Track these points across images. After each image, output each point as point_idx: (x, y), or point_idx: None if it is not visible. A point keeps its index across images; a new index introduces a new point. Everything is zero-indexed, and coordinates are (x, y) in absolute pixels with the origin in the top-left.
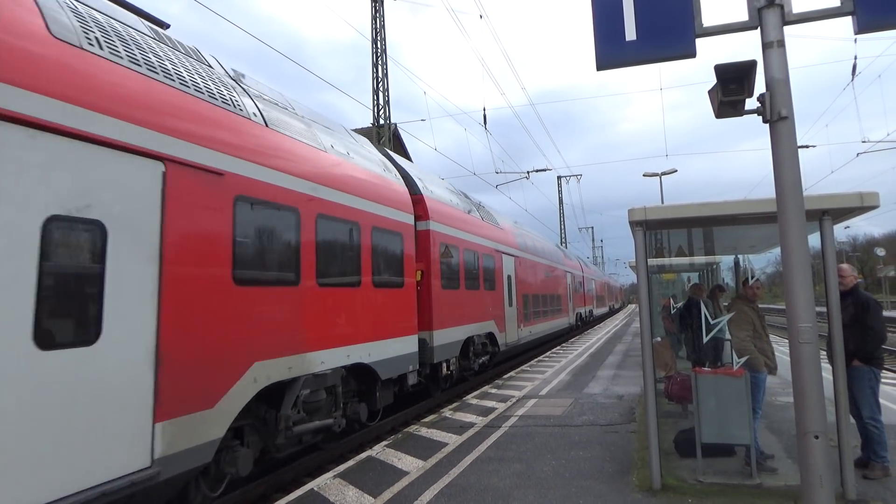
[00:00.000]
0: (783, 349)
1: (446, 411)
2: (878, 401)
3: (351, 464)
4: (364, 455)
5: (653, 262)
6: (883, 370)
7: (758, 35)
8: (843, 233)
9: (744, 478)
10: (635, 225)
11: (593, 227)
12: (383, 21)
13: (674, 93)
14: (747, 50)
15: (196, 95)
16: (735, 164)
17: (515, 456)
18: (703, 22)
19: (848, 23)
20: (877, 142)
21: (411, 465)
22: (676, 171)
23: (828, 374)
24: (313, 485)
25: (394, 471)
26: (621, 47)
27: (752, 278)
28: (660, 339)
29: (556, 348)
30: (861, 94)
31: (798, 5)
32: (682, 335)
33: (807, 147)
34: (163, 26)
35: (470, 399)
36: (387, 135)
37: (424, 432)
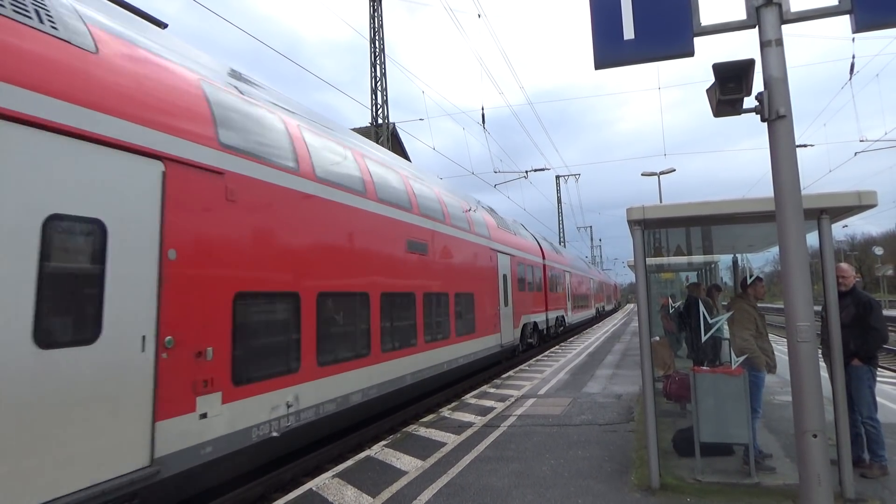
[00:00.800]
0: (781, 348)
1: (445, 411)
2: (876, 400)
3: (350, 463)
4: (363, 455)
5: (651, 261)
6: (877, 368)
7: (756, 34)
8: (841, 232)
9: (742, 477)
10: (634, 224)
11: (592, 227)
12: (381, 20)
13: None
14: (745, 49)
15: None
16: (733, 164)
17: (514, 455)
18: (701, 21)
19: (846, 21)
20: (874, 141)
21: (410, 464)
22: (675, 170)
23: (825, 373)
24: (312, 484)
25: (392, 470)
26: (620, 46)
27: (752, 277)
28: (658, 338)
29: (555, 347)
30: (859, 93)
31: (796, 4)
32: (681, 334)
33: (805, 146)
34: (161, 26)
35: (468, 398)
36: (385, 134)
37: (423, 432)
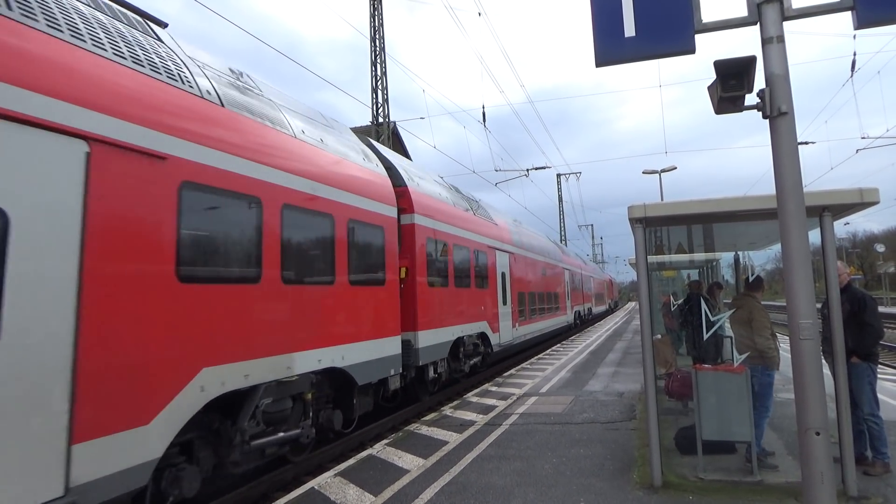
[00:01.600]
0: (783, 346)
1: (447, 409)
2: (877, 397)
3: (352, 462)
4: (364, 453)
5: (653, 259)
6: (877, 365)
7: (757, 31)
8: (842, 229)
9: (745, 475)
10: (635, 222)
11: (593, 225)
12: (382, 19)
13: (672, 90)
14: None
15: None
16: (734, 161)
17: (516, 454)
18: (702, 18)
19: (847, 18)
20: (876, 138)
21: (412, 463)
22: (676, 168)
23: (827, 371)
24: (314, 483)
25: (394, 469)
26: (621, 43)
27: (753, 275)
28: (660, 336)
29: (557, 346)
30: (860, 91)
31: (797, 0)
32: (683, 332)
33: (806, 143)
34: (161, 25)
35: (470, 397)
36: (386, 133)
37: (425, 430)
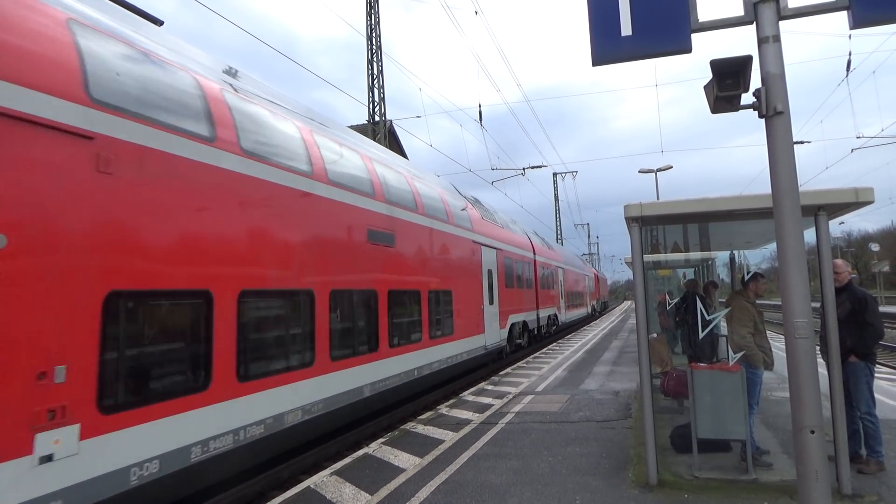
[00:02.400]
0: (778, 344)
1: (442, 408)
2: (874, 396)
3: (348, 461)
4: (361, 452)
5: (648, 258)
6: (876, 364)
7: (753, 30)
8: (837, 228)
9: (740, 473)
10: (631, 221)
11: (589, 224)
12: (378, 18)
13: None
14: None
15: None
16: (730, 160)
17: (512, 452)
18: (698, 17)
19: (843, 18)
20: (871, 137)
21: (408, 462)
22: (672, 167)
23: (823, 370)
24: (310, 482)
25: (390, 468)
26: (617, 42)
27: (748, 274)
28: (656, 335)
29: (553, 345)
30: (855, 90)
31: (794, 0)
32: (678, 331)
33: (802, 143)
34: (157, 23)
35: (466, 396)
36: (382, 131)
37: (421, 429)
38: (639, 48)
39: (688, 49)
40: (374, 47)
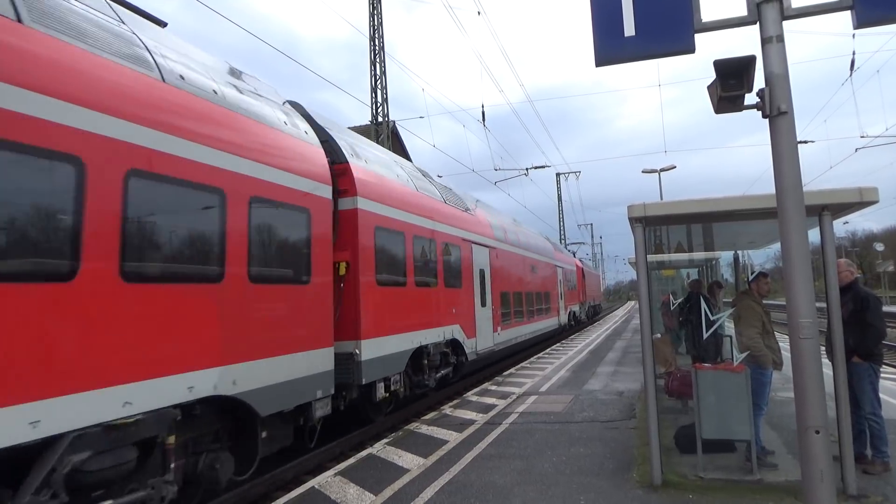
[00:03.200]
0: (783, 345)
1: (446, 408)
2: (879, 396)
3: (352, 461)
4: (364, 453)
5: (652, 258)
6: (882, 365)
7: (757, 30)
8: (841, 228)
9: (744, 473)
10: (635, 221)
11: (592, 224)
12: (381, 18)
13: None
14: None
15: None
16: (733, 160)
17: (516, 453)
18: (702, 17)
19: (846, 17)
20: (875, 137)
21: (412, 462)
22: (675, 167)
23: (828, 370)
24: (314, 483)
25: (394, 468)
26: (620, 43)
27: (753, 274)
28: (660, 335)
29: (556, 345)
30: (859, 90)
31: (797, 0)
32: (682, 331)
33: (805, 142)
34: (160, 24)
35: (470, 396)
36: (385, 132)
37: (425, 430)
38: (642, 49)
39: (691, 49)
40: (377, 48)
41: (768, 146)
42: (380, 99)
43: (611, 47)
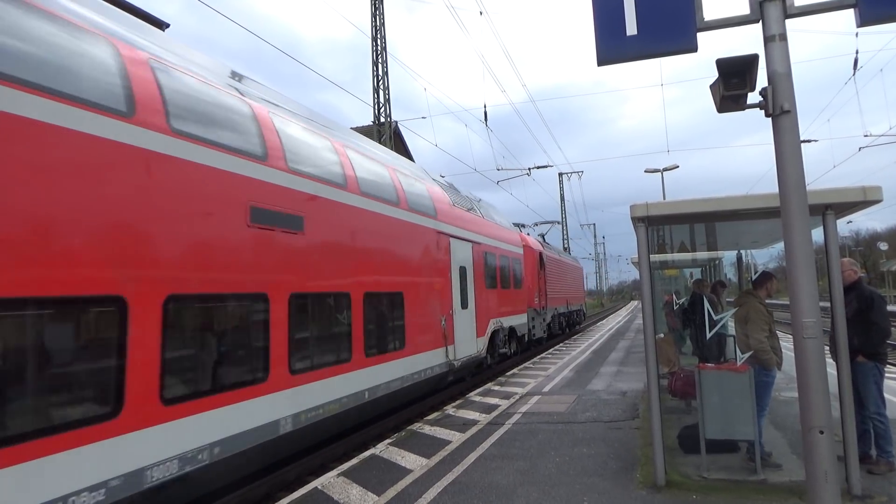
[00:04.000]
0: (786, 344)
1: (449, 409)
2: (883, 396)
3: (354, 462)
4: (367, 453)
5: (655, 257)
6: (887, 365)
7: (759, 29)
8: (845, 227)
9: (748, 473)
10: (637, 221)
11: (595, 224)
12: (383, 18)
13: (672, 89)
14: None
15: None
16: (736, 160)
17: (519, 453)
18: (704, 16)
19: (849, 16)
20: (879, 136)
21: (415, 462)
22: (678, 166)
23: (832, 370)
24: (317, 483)
25: (397, 469)
26: (622, 42)
27: (756, 273)
28: (663, 335)
29: (559, 345)
30: (863, 89)
31: None
32: (685, 331)
33: (809, 142)
34: (161, 27)
35: (473, 396)
36: (388, 132)
37: (427, 430)
38: (644, 48)
39: (693, 48)
40: (379, 48)
41: (771, 145)
42: (382, 99)
43: (613, 46)
